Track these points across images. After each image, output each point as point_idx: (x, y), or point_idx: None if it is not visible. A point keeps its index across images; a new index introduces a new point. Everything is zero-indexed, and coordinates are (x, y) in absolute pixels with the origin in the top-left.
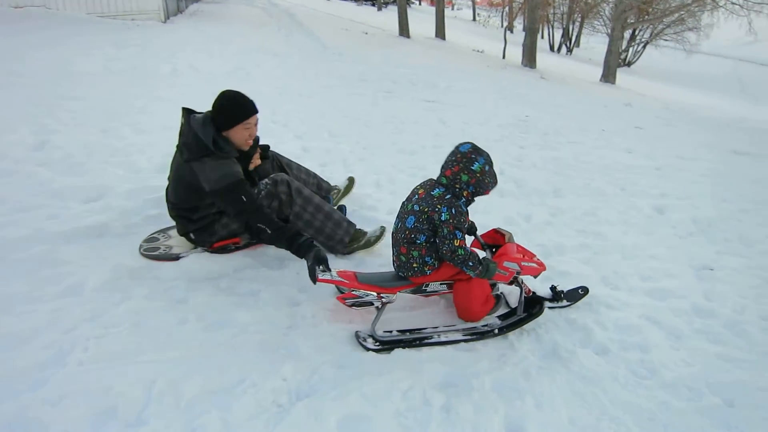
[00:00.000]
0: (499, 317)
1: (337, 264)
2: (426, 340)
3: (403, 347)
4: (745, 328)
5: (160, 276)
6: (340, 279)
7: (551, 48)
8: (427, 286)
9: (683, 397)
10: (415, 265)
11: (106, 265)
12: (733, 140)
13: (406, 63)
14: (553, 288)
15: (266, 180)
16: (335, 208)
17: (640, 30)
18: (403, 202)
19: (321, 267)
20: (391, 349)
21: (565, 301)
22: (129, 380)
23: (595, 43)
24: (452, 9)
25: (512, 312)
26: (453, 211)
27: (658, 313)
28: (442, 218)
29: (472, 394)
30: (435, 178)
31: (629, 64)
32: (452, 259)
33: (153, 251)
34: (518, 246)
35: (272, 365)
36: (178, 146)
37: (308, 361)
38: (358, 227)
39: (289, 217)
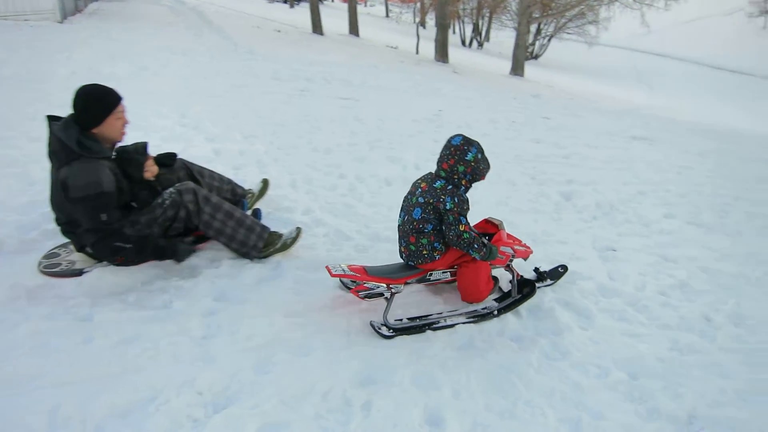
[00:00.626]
0: (495, 300)
1: (252, 269)
2: (434, 325)
3: (415, 332)
4: (646, 303)
5: (61, 294)
6: (352, 273)
7: (463, 43)
8: (431, 274)
9: (592, 375)
10: (425, 252)
11: (2, 285)
12: (632, 127)
13: (320, 60)
14: (536, 270)
15: (171, 189)
16: (250, 211)
17: (545, 24)
18: (406, 196)
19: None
20: (404, 334)
21: (549, 280)
22: (30, 408)
23: (504, 37)
24: (365, 5)
25: (507, 295)
26: (456, 200)
27: (568, 296)
28: (447, 207)
29: (392, 390)
30: (433, 171)
31: (536, 57)
32: (458, 243)
33: (53, 268)
34: (508, 234)
35: (187, 378)
36: (48, 158)
37: (225, 370)
38: (273, 230)
39: (198, 227)
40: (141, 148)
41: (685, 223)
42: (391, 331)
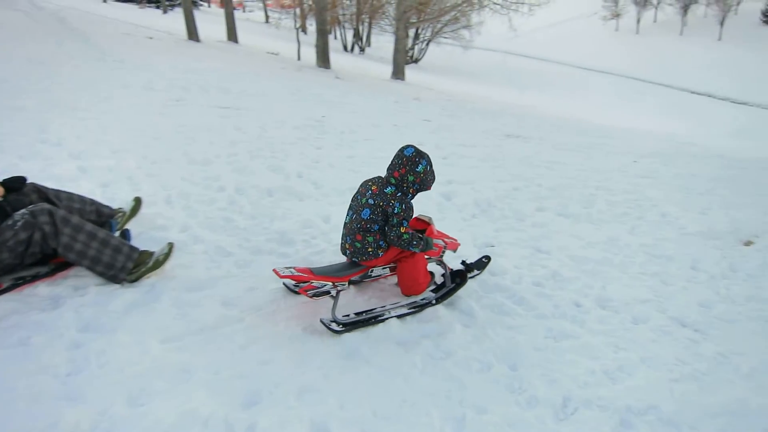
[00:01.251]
0: (432, 291)
1: (122, 294)
2: (380, 318)
3: (363, 326)
4: (523, 295)
5: None
6: (299, 274)
7: (345, 48)
8: (372, 270)
9: (475, 370)
10: (370, 249)
11: None
12: (506, 125)
13: (197, 68)
14: (463, 263)
15: (24, 210)
16: (119, 233)
17: (423, 29)
18: (355, 196)
19: None
20: (353, 329)
21: (475, 270)
22: None
23: (384, 42)
24: (243, 11)
25: (441, 285)
26: (404, 206)
27: (451, 298)
28: (395, 211)
29: (277, 408)
30: (383, 176)
31: (417, 61)
32: (399, 243)
33: None
34: (437, 230)
35: (49, 421)
36: None
37: (94, 407)
38: (143, 249)
39: (57, 250)
40: None
41: (555, 215)
42: (341, 326)
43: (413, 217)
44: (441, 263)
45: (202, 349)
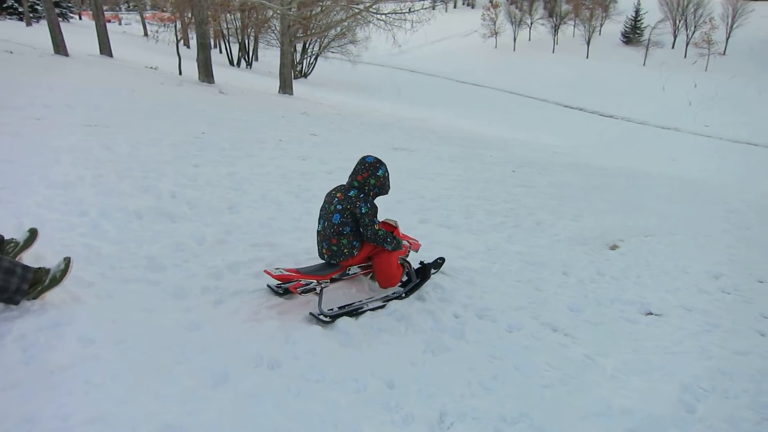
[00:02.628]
0: (401, 286)
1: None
2: (359, 310)
3: (347, 316)
4: (404, 312)
5: None
6: (288, 274)
7: (231, 62)
8: (350, 269)
9: (351, 390)
10: (345, 250)
11: None
12: (394, 138)
13: (63, 84)
14: (421, 263)
15: None
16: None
17: (310, 43)
18: (324, 206)
19: None
20: (337, 319)
21: (433, 269)
22: None
23: (271, 56)
24: (119, 24)
25: (408, 282)
26: (369, 205)
27: (331, 314)
28: (363, 211)
29: None
30: (345, 183)
31: (305, 75)
32: (375, 240)
33: None
34: (402, 232)
35: None
36: None
37: None
38: (38, 267)
39: None
40: None
41: (437, 227)
42: (328, 318)
43: (381, 221)
44: (405, 262)
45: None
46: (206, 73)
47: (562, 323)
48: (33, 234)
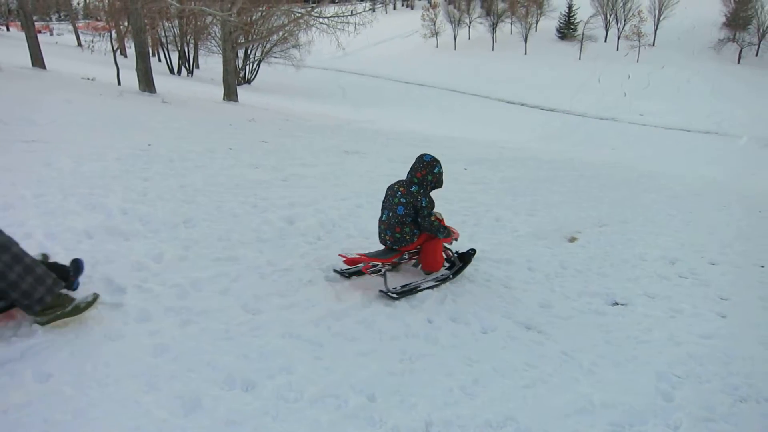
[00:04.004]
0: (447, 269)
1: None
2: (417, 288)
3: (409, 294)
4: (374, 319)
5: None
6: (358, 257)
7: (171, 71)
8: (405, 255)
9: (332, 407)
10: (407, 237)
11: None
12: (344, 142)
13: None
14: (456, 252)
15: None
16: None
17: (252, 49)
18: (387, 198)
19: None
20: (404, 296)
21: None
22: None
23: (213, 63)
24: (51, 35)
25: (453, 265)
26: (428, 198)
27: (300, 328)
28: (423, 204)
29: None
30: (405, 179)
31: (249, 82)
32: (431, 229)
33: None
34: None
35: None
36: None
37: None
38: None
39: None
40: None
41: None
42: (396, 294)
43: None
44: (447, 248)
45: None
46: (147, 83)
47: (534, 320)
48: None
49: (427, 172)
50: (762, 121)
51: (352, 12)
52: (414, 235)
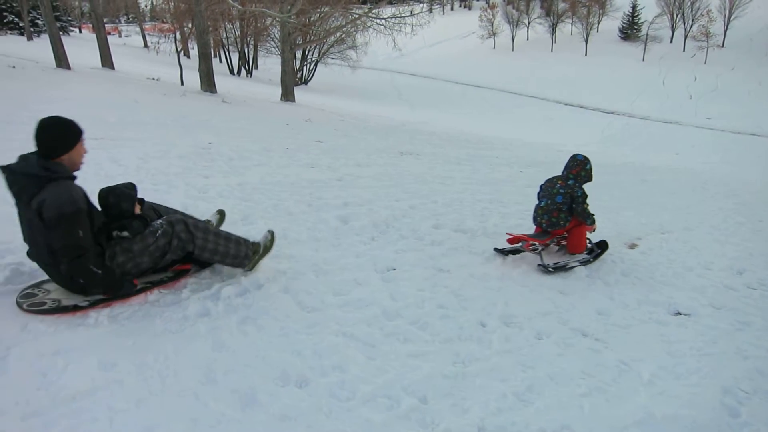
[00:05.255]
0: (587, 254)
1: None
2: (567, 266)
3: (562, 270)
4: (427, 320)
5: None
6: (520, 236)
7: (231, 71)
8: (555, 238)
9: (383, 408)
10: (561, 222)
11: None
12: (399, 143)
13: (67, 98)
14: (589, 241)
15: (161, 221)
16: None
17: (310, 50)
18: (546, 189)
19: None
20: (558, 271)
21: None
22: None
23: (271, 64)
24: (119, 36)
25: (592, 250)
26: (583, 190)
27: (353, 327)
28: (578, 194)
29: None
30: (562, 174)
31: (306, 82)
32: (584, 216)
33: (40, 306)
34: None
35: None
36: (15, 202)
37: None
38: (253, 241)
39: (193, 252)
40: (130, 185)
41: (452, 232)
42: (552, 269)
43: None
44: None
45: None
46: (208, 83)
47: (591, 328)
48: (222, 215)
49: (580, 169)
50: None
51: (411, 12)
52: (567, 221)
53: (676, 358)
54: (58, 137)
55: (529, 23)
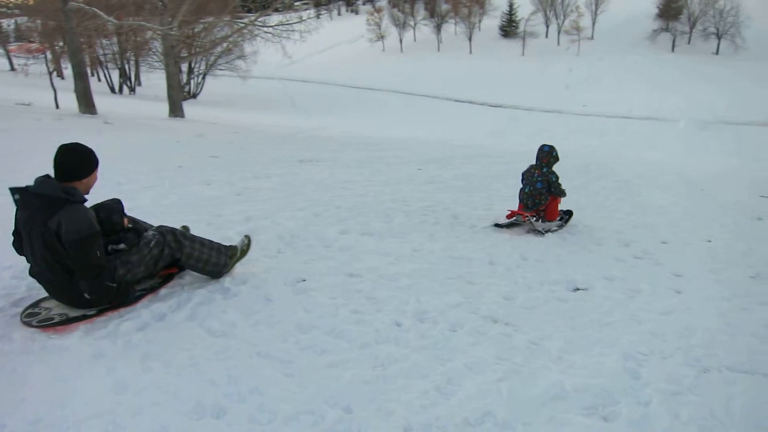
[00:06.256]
0: (559, 219)
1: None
2: (550, 230)
3: (549, 232)
4: (343, 328)
5: None
6: (522, 212)
7: (112, 89)
8: (539, 211)
9: (308, 424)
10: (543, 200)
11: None
12: (297, 151)
13: None
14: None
15: (152, 231)
16: None
17: (196, 62)
18: (527, 177)
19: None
20: (547, 233)
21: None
22: None
23: (156, 79)
24: None
25: (562, 216)
26: (557, 174)
27: (267, 345)
28: (553, 179)
29: None
30: (536, 164)
31: (195, 96)
32: (557, 192)
33: (49, 321)
34: None
35: None
36: (24, 222)
37: None
38: (228, 245)
39: (180, 259)
40: (116, 201)
41: (359, 236)
42: (542, 232)
43: None
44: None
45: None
46: (87, 104)
47: (500, 313)
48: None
49: (549, 157)
50: (697, 105)
51: (301, 18)
52: (546, 199)
53: (579, 331)
54: (79, 163)
55: (415, 25)
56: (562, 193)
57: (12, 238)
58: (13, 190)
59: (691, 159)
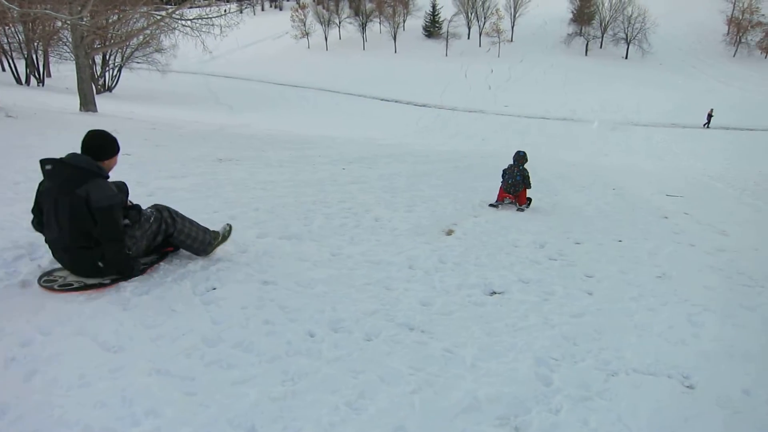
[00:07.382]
0: (526, 205)
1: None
2: (523, 210)
3: (519, 210)
4: (252, 340)
5: None
6: (508, 195)
7: (18, 81)
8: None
9: None
10: (520, 189)
11: None
12: (218, 149)
13: None
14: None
15: (149, 209)
16: None
17: (111, 54)
18: (509, 173)
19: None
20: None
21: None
22: None
23: (67, 70)
24: None
25: (528, 201)
26: (529, 171)
27: (168, 361)
28: (527, 174)
29: None
30: (514, 163)
31: (110, 89)
32: (529, 184)
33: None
34: None
35: None
36: (52, 193)
37: None
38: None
39: (173, 234)
40: (123, 183)
41: (277, 239)
42: (523, 210)
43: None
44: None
45: None
46: None
47: (416, 320)
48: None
49: (524, 159)
50: (609, 106)
51: (224, 11)
52: (521, 187)
53: (494, 337)
54: (107, 144)
55: (340, 23)
56: (530, 185)
57: (31, 216)
58: (45, 161)
59: (604, 159)
